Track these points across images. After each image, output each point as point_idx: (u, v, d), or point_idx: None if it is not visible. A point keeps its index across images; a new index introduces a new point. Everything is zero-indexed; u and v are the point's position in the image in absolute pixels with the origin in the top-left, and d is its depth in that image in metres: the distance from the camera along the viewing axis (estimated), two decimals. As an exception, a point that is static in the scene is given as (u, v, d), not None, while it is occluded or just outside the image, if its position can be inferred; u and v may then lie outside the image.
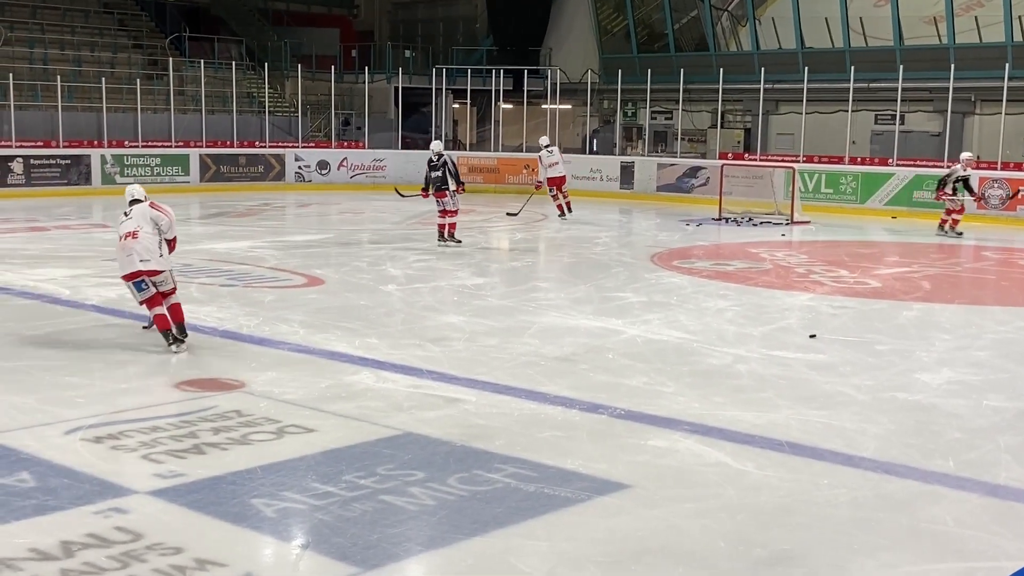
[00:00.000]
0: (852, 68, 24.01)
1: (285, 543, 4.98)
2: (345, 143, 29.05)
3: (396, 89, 31.02)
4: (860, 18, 26.66)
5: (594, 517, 5.31)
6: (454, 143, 31.72)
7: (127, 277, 8.79)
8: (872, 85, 24.99)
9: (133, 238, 8.79)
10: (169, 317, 8.72)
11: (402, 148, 28.90)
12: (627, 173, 26.01)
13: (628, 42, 31.16)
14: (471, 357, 8.74)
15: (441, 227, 16.01)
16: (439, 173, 15.91)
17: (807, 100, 24.38)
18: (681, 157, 26.51)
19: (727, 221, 20.29)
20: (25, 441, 6.17)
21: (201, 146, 26.63)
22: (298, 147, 28.03)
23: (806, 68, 24.55)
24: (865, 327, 10.33)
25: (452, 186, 15.84)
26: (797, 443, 6.53)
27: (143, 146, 25.73)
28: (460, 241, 15.91)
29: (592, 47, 31.93)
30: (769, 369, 8.50)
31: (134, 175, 25.06)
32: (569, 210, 20.51)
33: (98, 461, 5.87)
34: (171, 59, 28.37)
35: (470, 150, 30.35)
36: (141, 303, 8.86)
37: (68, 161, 24.31)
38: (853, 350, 9.23)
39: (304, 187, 27.18)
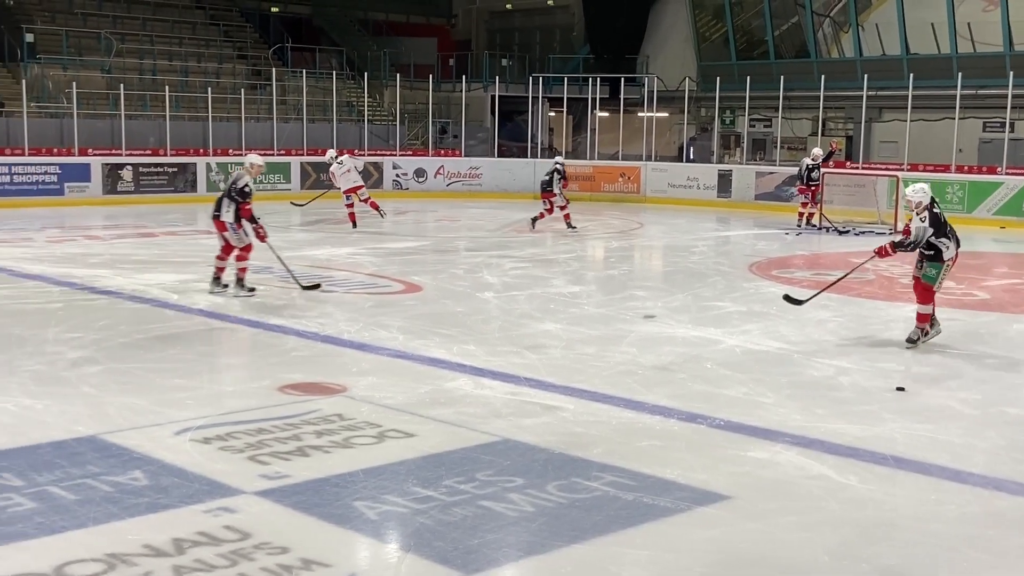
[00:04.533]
0: (959, 74, 23.42)
1: (387, 545, 5.06)
2: (442, 151, 29.32)
3: (493, 97, 31.24)
4: (968, 23, 26.01)
5: (694, 527, 5.28)
6: (549, 151, 31.78)
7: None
8: (980, 92, 24.35)
9: None
10: None
11: (498, 156, 29.07)
12: (724, 181, 25.77)
13: (727, 49, 30.90)
14: (568, 365, 8.75)
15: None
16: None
17: (912, 107, 23.86)
18: (780, 165, 26.16)
19: (827, 230, 19.96)
20: (138, 441, 6.36)
21: (302, 154, 27.14)
22: (396, 155, 28.38)
23: (911, 75, 24.02)
24: (973, 340, 10.08)
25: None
26: (902, 457, 6.40)
27: (247, 154, 26.25)
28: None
29: (690, 54, 31.73)
30: (872, 381, 8.35)
31: (238, 183, 25.64)
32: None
33: (207, 461, 6.03)
34: (274, 69, 28.99)
35: (565, 158, 30.35)
36: None
37: (175, 169, 24.99)
38: (960, 363, 9.01)
39: (402, 195, 27.49)
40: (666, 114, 31.08)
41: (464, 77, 30.31)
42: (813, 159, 20.41)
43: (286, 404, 7.34)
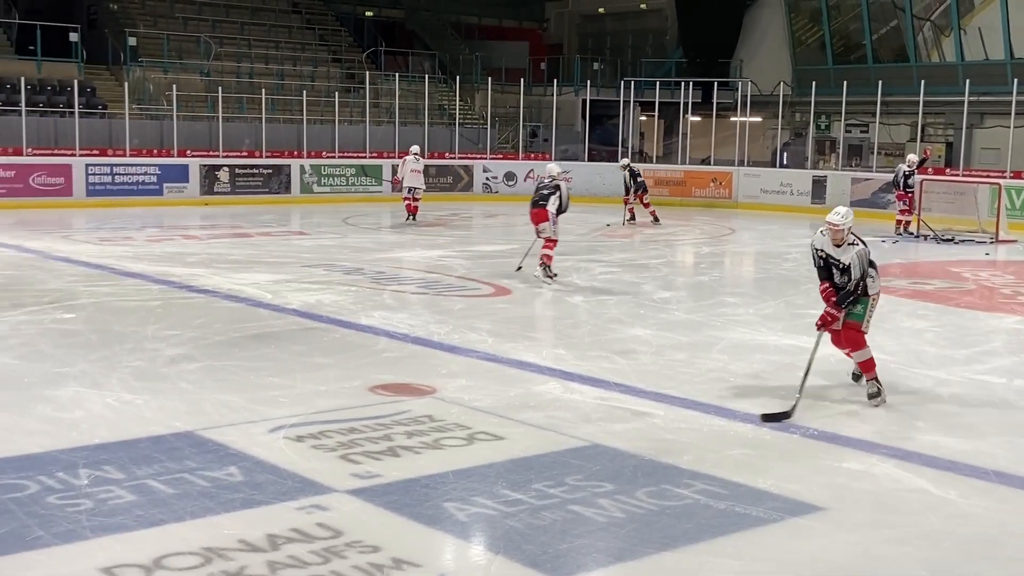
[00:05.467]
0: (1066, 79, 22.72)
1: (476, 547, 5.06)
2: (532, 155, 29.36)
3: (584, 101, 31.20)
4: (1076, 26, 25.24)
5: (787, 538, 5.19)
6: (640, 155, 31.64)
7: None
8: (1088, 97, 23.59)
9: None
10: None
11: (588, 160, 29.01)
12: (819, 187, 25.35)
13: (823, 53, 30.42)
14: (658, 371, 8.68)
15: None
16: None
17: (1015, 113, 23.19)
18: (877, 171, 25.64)
19: (926, 238, 19.50)
20: (233, 437, 6.48)
21: (394, 157, 27.39)
22: (486, 158, 28.51)
23: (1015, 80, 23.35)
24: (1079, 353, 9.74)
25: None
26: (1005, 472, 6.21)
27: (339, 156, 26.68)
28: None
29: (785, 58, 31.31)
30: (973, 393, 8.12)
31: (330, 185, 26.05)
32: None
33: (300, 459, 6.11)
34: (368, 73, 29.36)
35: (656, 162, 30.21)
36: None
37: (270, 170, 25.45)
38: (1066, 377, 8.72)
39: (491, 198, 27.61)
40: (759, 119, 30.70)
41: (555, 81, 30.34)
42: (909, 165, 19.96)
43: (377, 404, 7.40)
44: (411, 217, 20.60)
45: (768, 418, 7.18)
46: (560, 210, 13.24)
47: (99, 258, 14.67)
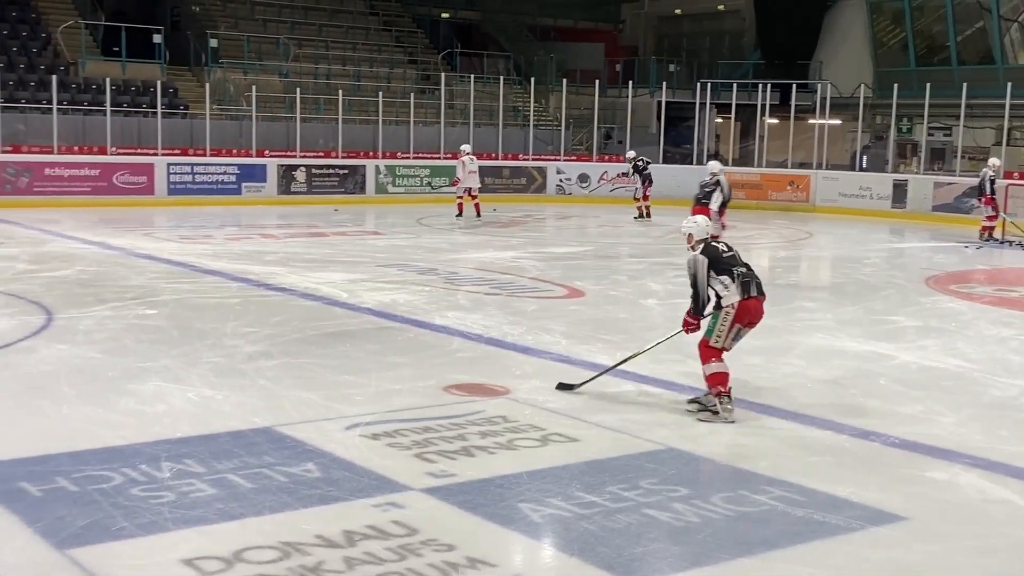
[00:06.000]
0: None
1: (551, 549, 5.05)
2: (606, 156, 29.27)
3: (659, 103, 30.99)
4: None
5: (867, 547, 5.10)
6: (716, 158, 31.34)
7: None
8: None
9: None
10: None
11: (663, 162, 28.81)
12: (900, 191, 24.88)
13: (905, 55, 29.90)
14: (734, 376, 8.53)
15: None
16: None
17: (1105, 116, 22.57)
18: (961, 175, 25.09)
19: (1011, 244, 19.04)
20: (310, 434, 6.55)
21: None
22: (560, 160, 28.49)
23: (1105, 82, 22.74)
24: None
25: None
26: (1094, 485, 6.04)
27: (414, 157, 26.85)
28: None
29: (866, 60, 30.82)
30: (1060, 404, 7.91)
31: (405, 185, 26.23)
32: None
33: (375, 457, 6.16)
34: (443, 74, 29.50)
35: (732, 165, 29.92)
36: None
37: (346, 171, 25.70)
38: None
39: (564, 200, 27.58)
40: (839, 121, 30.23)
41: (630, 82, 30.20)
42: (994, 169, 19.50)
43: (451, 404, 7.43)
44: (467, 215, 21.49)
45: (563, 387, 7.73)
46: (723, 205, 14.17)
47: (180, 256, 14.94)
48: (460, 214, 21.70)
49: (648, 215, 22.89)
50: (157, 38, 26.78)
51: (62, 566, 4.58)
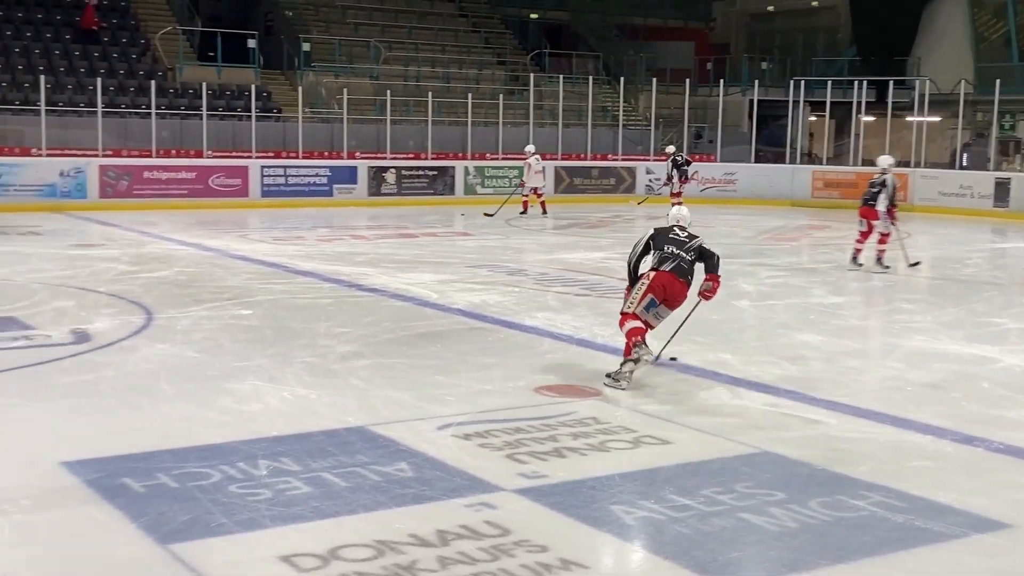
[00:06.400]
0: None
1: (646, 551, 5.00)
2: (697, 156, 29.01)
3: (751, 102, 30.63)
4: None
5: (971, 555, 4.95)
6: (809, 157, 30.87)
7: None
8: None
9: None
10: None
11: (755, 162, 28.47)
12: (1002, 190, 24.19)
13: (1007, 49, 29.07)
14: (831, 378, 8.43)
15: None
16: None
17: None
18: (1065, 173, 24.32)
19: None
20: (402, 433, 6.59)
21: (556, 159, 27.50)
22: (649, 160, 28.30)
23: None
24: None
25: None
26: None
27: (503, 158, 26.93)
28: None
29: (966, 55, 30.07)
30: None
31: (493, 186, 26.32)
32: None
33: (467, 457, 6.17)
34: (532, 75, 29.54)
35: (827, 164, 29.42)
36: None
37: (435, 172, 25.90)
38: None
39: (654, 200, 27.37)
40: (938, 118, 29.52)
41: (721, 81, 29.89)
42: None
43: (542, 405, 7.41)
44: (533, 212, 22.76)
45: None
46: (890, 204, 14.30)
47: (273, 256, 15.20)
48: (525, 212, 22.81)
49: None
50: (251, 43, 27.30)
51: (165, 561, 4.68)
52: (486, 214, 22.28)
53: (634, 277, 8.30)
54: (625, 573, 4.82)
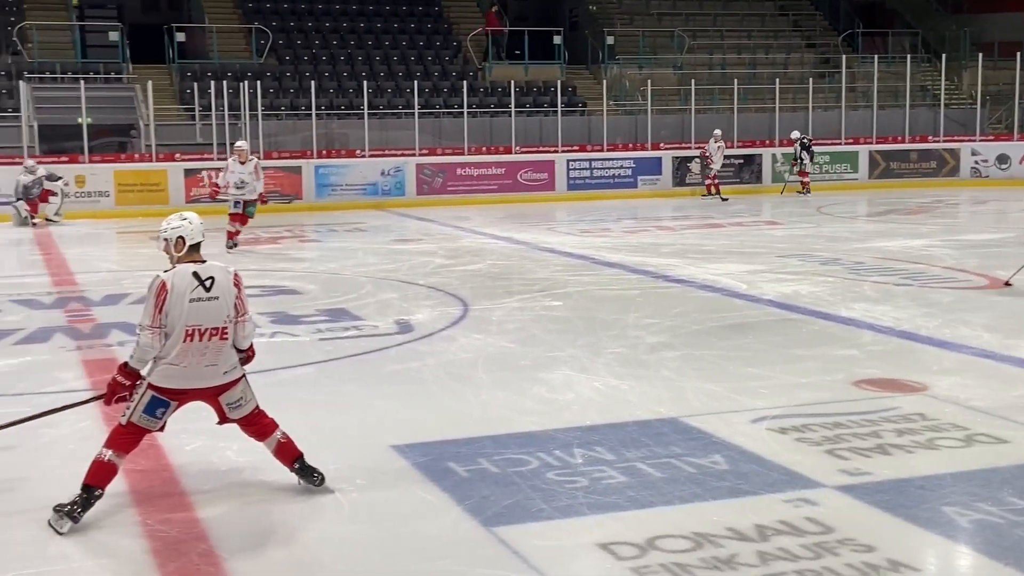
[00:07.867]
0: None
1: (982, 556, 4.67)
2: (1032, 134, 26.86)
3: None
4: None
5: None
6: None
7: None
8: None
9: None
10: None
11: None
12: None
13: None
14: None
15: None
16: None
17: None
18: None
19: None
20: (715, 426, 6.50)
21: (871, 142, 26.30)
22: (975, 140, 26.49)
23: None
24: None
25: None
26: None
27: (813, 144, 26.00)
28: None
29: None
30: None
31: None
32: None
33: (784, 451, 6.00)
34: (843, 56, 28.37)
35: None
36: None
37: (741, 160, 25.40)
38: None
39: (981, 183, 25.63)
40: None
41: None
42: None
43: (862, 400, 7.10)
44: (713, 195, 23.27)
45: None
46: None
47: (580, 249, 15.43)
48: (710, 194, 23.32)
49: (808, 190, 23.80)
50: (557, 39, 27.85)
51: (489, 543, 4.84)
52: (722, 199, 22.78)
53: None
54: (961, 579, 4.52)
